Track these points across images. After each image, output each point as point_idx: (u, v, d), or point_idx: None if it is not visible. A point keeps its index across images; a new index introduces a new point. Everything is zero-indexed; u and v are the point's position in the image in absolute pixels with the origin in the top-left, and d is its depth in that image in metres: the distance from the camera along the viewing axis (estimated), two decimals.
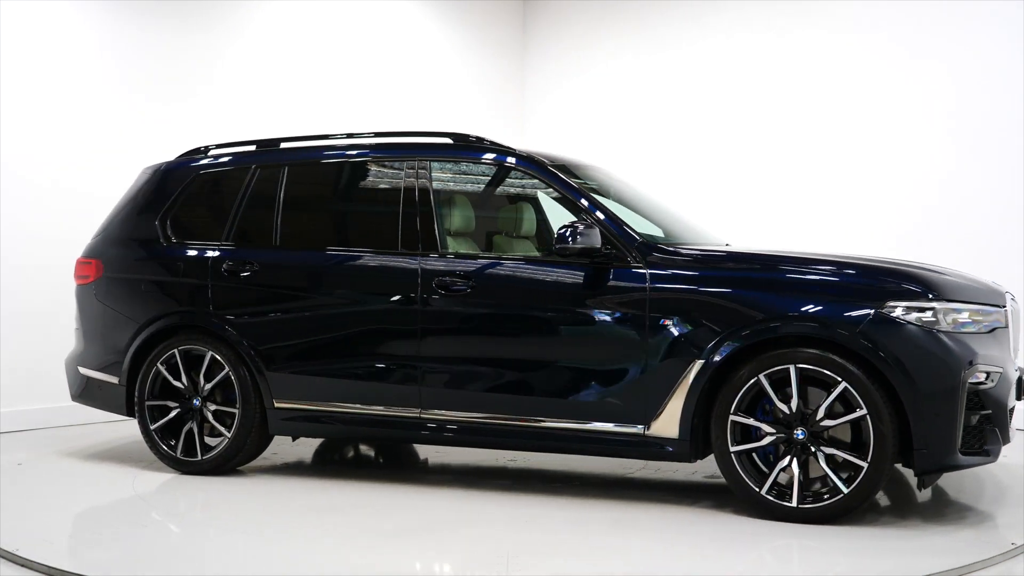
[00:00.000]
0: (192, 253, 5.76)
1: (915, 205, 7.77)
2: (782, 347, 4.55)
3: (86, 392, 6.06)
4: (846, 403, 4.48)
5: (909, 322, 4.40)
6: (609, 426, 4.85)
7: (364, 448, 6.65)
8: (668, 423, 4.73)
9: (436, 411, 5.16)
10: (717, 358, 4.61)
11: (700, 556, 4.13)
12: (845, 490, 4.42)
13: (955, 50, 7.63)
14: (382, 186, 5.63)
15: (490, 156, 5.41)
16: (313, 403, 5.40)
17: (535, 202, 5.95)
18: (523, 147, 5.50)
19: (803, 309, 4.53)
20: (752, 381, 4.56)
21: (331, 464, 6.31)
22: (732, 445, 4.61)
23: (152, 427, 5.71)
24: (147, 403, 5.72)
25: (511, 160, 5.34)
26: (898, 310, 4.42)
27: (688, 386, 4.67)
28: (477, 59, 9.86)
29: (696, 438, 4.72)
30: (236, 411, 5.53)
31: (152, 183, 6.07)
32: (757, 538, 4.33)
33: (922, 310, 4.42)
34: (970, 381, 4.39)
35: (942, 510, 4.77)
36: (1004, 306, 4.69)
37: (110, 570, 4.00)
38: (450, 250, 5.27)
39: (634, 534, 4.45)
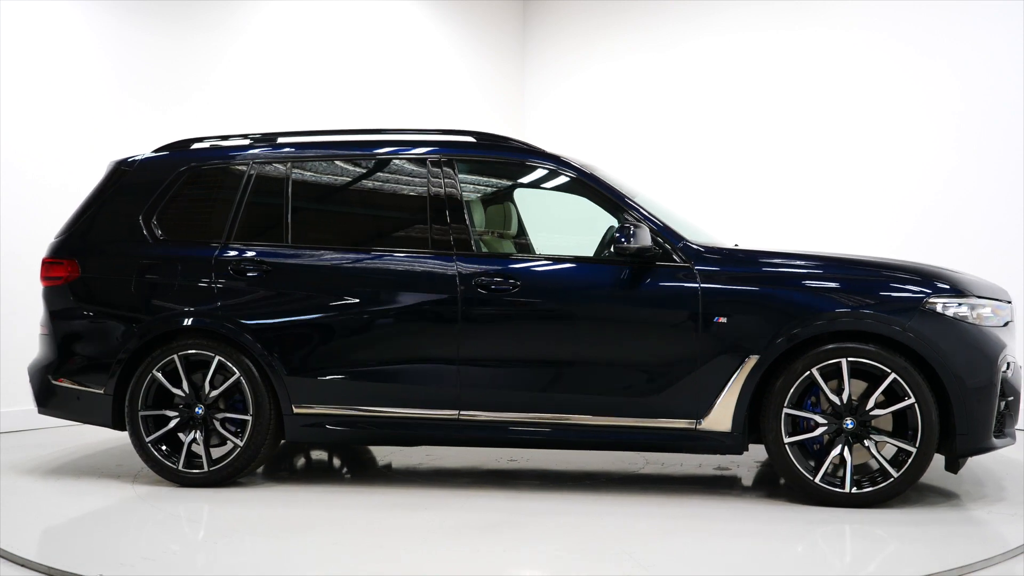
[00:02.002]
0: (191, 252, 5.41)
1: (916, 205, 7.90)
2: (832, 342, 4.80)
3: (59, 403, 5.54)
4: (888, 393, 4.77)
5: (949, 317, 4.75)
6: (661, 422, 4.95)
7: (316, 454, 6.43)
8: (721, 417, 4.88)
9: (476, 412, 5.09)
10: (773, 353, 4.80)
11: (788, 539, 4.31)
12: (895, 474, 4.72)
13: (957, 49, 7.74)
14: (406, 184, 5.48)
15: (517, 156, 5.39)
16: (340, 407, 5.19)
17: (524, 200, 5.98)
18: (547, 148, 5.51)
19: (854, 306, 4.80)
20: (805, 375, 4.79)
21: (301, 471, 6.08)
22: (787, 437, 4.81)
23: (148, 439, 5.31)
24: (141, 414, 5.32)
25: (540, 160, 5.34)
26: (938, 306, 4.76)
27: (743, 381, 4.83)
28: (477, 59, 9.88)
29: (745, 430, 4.90)
30: (248, 418, 5.24)
31: (131, 178, 5.65)
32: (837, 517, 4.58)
33: (958, 306, 4.78)
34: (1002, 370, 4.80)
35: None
36: (1011, 301, 5.13)
37: (111, 571, 3.88)
38: (483, 249, 5.21)
39: (712, 524, 4.57)
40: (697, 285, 4.92)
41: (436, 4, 9.69)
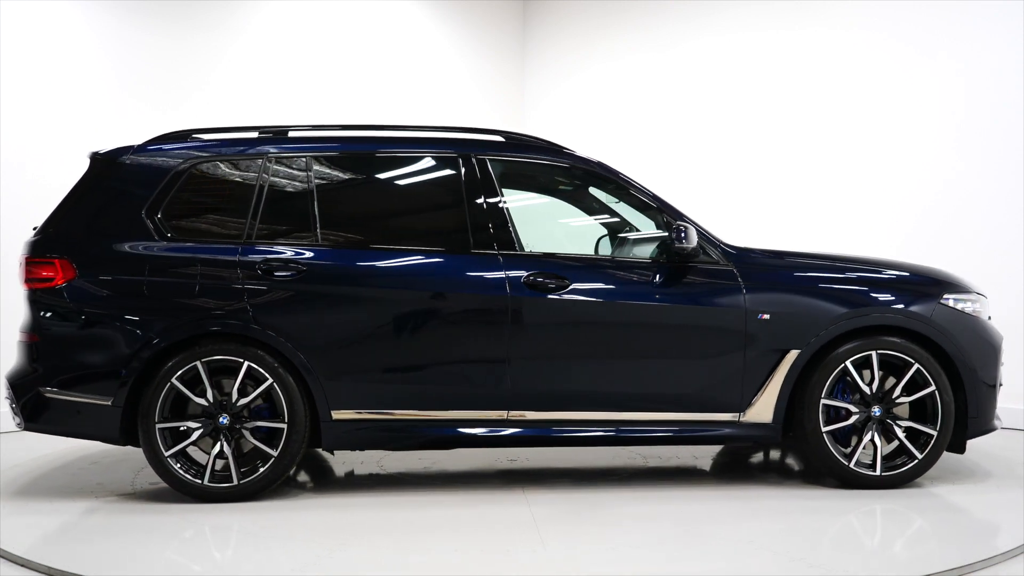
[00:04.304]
0: (211, 251, 5.03)
1: (916, 206, 7.82)
2: (862, 336, 5.16)
3: (52, 417, 4.97)
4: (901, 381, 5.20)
5: (959, 311, 5.25)
6: (706, 416, 5.14)
7: None
8: (763, 409, 5.14)
9: (524, 412, 5.07)
10: (813, 347, 5.11)
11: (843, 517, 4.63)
12: (919, 456, 5.15)
13: (957, 49, 7.63)
14: (440, 182, 5.36)
15: (551, 156, 5.42)
16: (383, 412, 5.02)
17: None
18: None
19: (883, 302, 5.20)
20: (840, 367, 5.13)
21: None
22: (824, 426, 5.13)
23: (168, 454, 4.91)
24: (158, 426, 4.91)
25: (572, 162, 5.40)
26: (951, 301, 5.25)
27: (784, 374, 5.12)
28: (477, 59, 9.81)
29: (783, 421, 5.18)
30: (283, 426, 4.96)
31: (124, 171, 5.16)
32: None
33: (965, 301, 5.29)
34: None
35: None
36: (986, 297, 5.71)
37: (110, 570, 3.91)
38: (526, 249, 5.21)
39: (771, 514, 4.79)
40: (740, 284, 5.15)
41: (436, 4, 9.65)
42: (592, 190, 5.62)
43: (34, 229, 5.24)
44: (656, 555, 4.07)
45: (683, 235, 5.04)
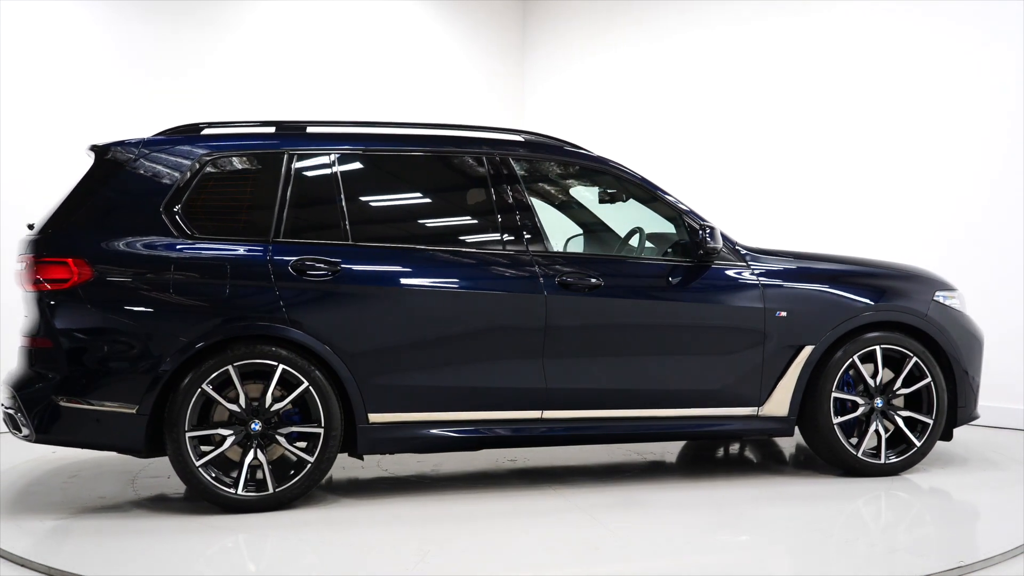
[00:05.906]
0: (240, 250, 4.82)
1: (916, 205, 7.72)
2: (866, 332, 5.46)
3: (67, 427, 4.62)
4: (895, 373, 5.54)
5: (950, 307, 5.64)
6: (727, 410, 5.33)
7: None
8: (779, 403, 5.37)
9: (559, 411, 5.11)
10: (826, 342, 5.37)
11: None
12: (918, 443, 5.50)
13: (959, 49, 7.50)
14: (469, 181, 5.31)
15: (572, 156, 5.48)
16: (420, 414, 4.95)
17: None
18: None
19: (888, 300, 5.52)
20: (848, 361, 5.42)
21: None
22: (835, 418, 5.40)
23: (199, 463, 4.68)
24: (188, 435, 4.67)
25: (592, 162, 5.48)
26: (941, 298, 5.63)
27: (800, 369, 5.36)
28: (477, 56, 9.74)
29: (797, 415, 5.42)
30: (320, 431, 4.81)
31: (136, 166, 4.88)
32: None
33: (952, 298, 5.69)
34: None
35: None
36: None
37: (110, 570, 3.91)
38: (555, 248, 5.24)
39: (783, 502, 5.02)
40: (758, 282, 5.36)
41: (437, 2, 9.58)
42: (608, 189, 5.69)
43: (30, 227, 4.90)
44: (722, 536, 4.29)
45: (710, 236, 5.20)
